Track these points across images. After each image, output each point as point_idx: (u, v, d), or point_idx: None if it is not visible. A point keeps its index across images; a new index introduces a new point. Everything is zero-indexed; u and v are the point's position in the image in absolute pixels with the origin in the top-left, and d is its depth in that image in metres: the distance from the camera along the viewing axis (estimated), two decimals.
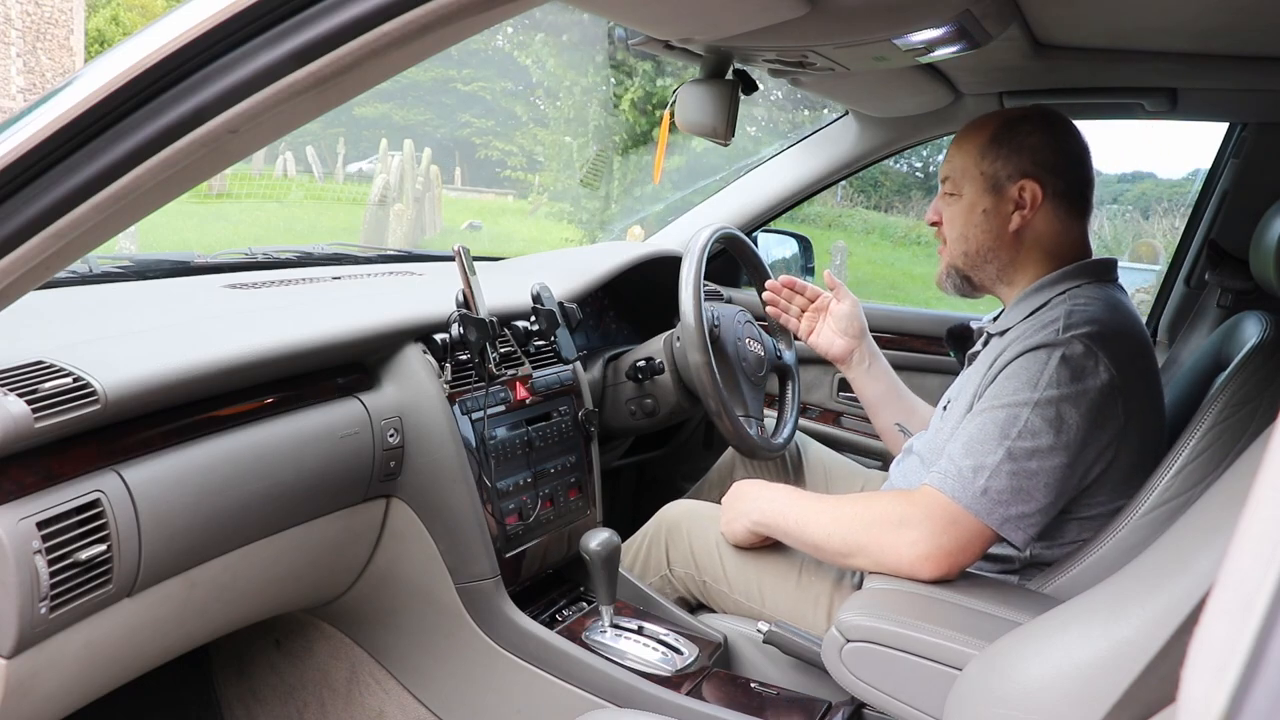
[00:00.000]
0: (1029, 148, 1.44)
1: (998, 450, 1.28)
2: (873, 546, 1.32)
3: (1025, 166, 1.44)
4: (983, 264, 1.49)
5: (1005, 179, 1.44)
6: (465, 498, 1.45)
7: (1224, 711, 0.27)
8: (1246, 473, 0.74)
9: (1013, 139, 1.45)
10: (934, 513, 1.29)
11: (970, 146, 1.48)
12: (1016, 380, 1.31)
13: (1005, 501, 1.27)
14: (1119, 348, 1.32)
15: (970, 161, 1.47)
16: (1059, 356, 1.29)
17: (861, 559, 1.35)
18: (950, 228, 1.51)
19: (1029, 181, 1.43)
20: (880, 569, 1.32)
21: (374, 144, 15.86)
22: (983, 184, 1.46)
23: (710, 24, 1.34)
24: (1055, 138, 1.46)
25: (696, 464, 2.21)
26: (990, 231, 1.47)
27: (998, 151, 1.45)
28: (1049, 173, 1.44)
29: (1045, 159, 1.44)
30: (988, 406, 1.32)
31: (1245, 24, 1.45)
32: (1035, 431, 1.27)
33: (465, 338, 1.45)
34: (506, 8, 0.70)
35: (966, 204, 1.48)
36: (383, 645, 1.57)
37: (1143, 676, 0.69)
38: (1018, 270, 1.48)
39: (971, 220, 1.47)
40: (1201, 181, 2.40)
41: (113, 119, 0.71)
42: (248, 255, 1.86)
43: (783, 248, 2.56)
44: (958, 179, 1.49)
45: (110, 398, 1.00)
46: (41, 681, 1.01)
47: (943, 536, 1.28)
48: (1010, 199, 1.44)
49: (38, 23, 11.83)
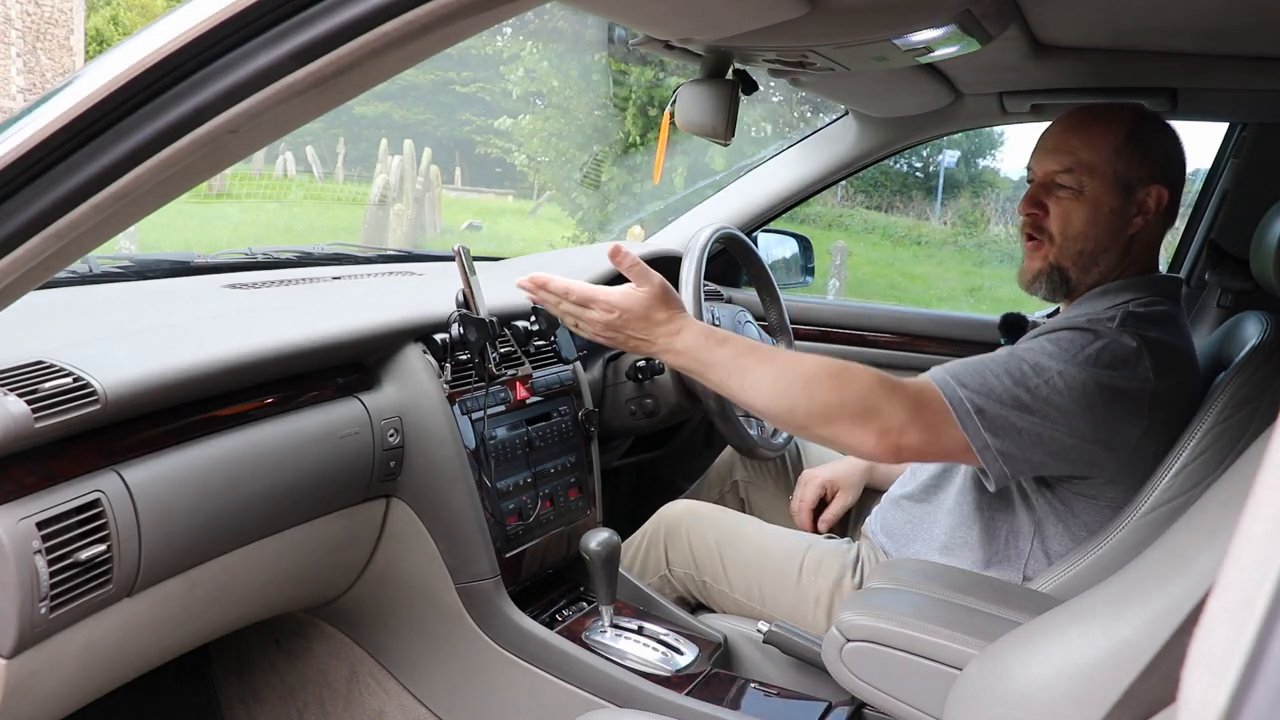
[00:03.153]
0: (1161, 153, 1.39)
1: (1014, 389, 1.23)
2: (821, 396, 1.21)
3: (1157, 172, 1.37)
4: (1091, 265, 1.41)
5: (1137, 181, 1.37)
6: (465, 498, 1.45)
7: (1224, 711, 0.27)
8: (1246, 473, 0.74)
9: (1144, 141, 1.38)
10: (922, 406, 1.22)
11: (1100, 141, 1.38)
12: (1057, 345, 1.27)
13: (995, 432, 1.22)
14: (1166, 358, 1.29)
15: (1101, 157, 1.37)
16: (1105, 342, 1.26)
17: (802, 412, 1.23)
18: (1066, 224, 1.40)
19: (1159, 187, 1.37)
20: (835, 439, 1.23)
21: (374, 144, 15.86)
22: (1115, 182, 1.37)
23: (710, 24, 1.34)
24: (1176, 145, 1.41)
25: (696, 464, 2.21)
26: (1110, 232, 1.39)
27: (1133, 151, 1.37)
28: (1174, 182, 1.39)
29: (1173, 167, 1.39)
30: (1022, 350, 1.27)
31: (1245, 24, 1.45)
32: (1056, 390, 1.23)
33: (465, 338, 1.45)
34: (506, 8, 0.70)
35: (1091, 201, 1.38)
36: (383, 645, 1.57)
37: (1143, 676, 0.69)
38: (1109, 273, 1.41)
39: (1096, 219, 1.38)
40: (1201, 181, 2.40)
41: (113, 119, 0.71)
42: (248, 255, 1.86)
43: (783, 248, 2.56)
44: (1082, 173, 1.38)
45: (110, 398, 1.01)
46: (41, 681, 1.01)
47: (912, 432, 1.20)
48: (1136, 202, 1.38)
49: (38, 23, 11.83)
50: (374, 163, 14.75)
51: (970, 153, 18.33)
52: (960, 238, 15.82)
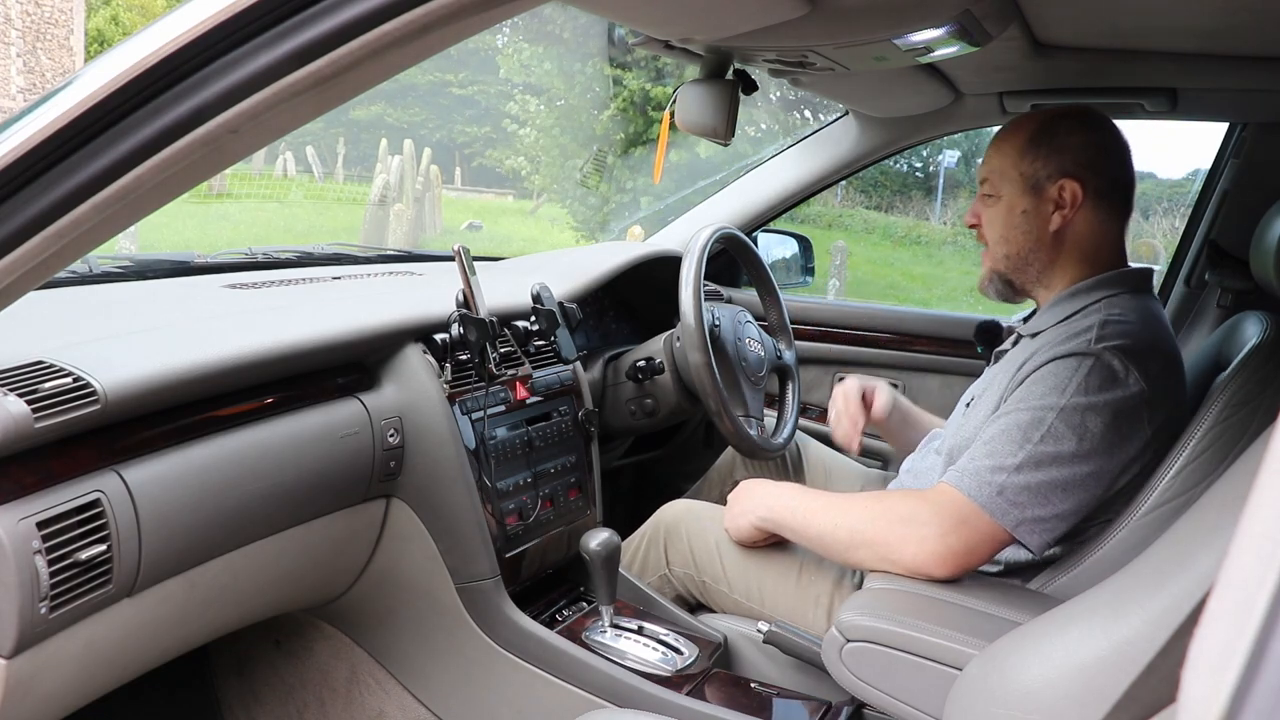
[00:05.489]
0: (1070, 147, 1.41)
1: (1019, 453, 1.27)
2: (879, 541, 1.31)
3: (1066, 165, 1.40)
4: (1024, 266, 1.46)
5: (1045, 179, 1.41)
6: (465, 498, 1.45)
7: (1224, 711, 0.27)
8: (1246, 473, 0.74)
9: (1052, 138, 1.42)
10: (946, 510, 1.28)
11: (1008, 147, 1.45)
12: (1044, 385, 1.30)
13: (1022, 504, 1.26)
14: (1151, 361, 1.30)
15: (1009, 162, 1.44)
16: (1089, 365, 1.28)
17: (866, 553, 1.34)
18: (990, 230, 1.48)
19: (1069, 180, 1.40)
20: (886, 565, 1.31)
21: (374, 144, 15.87)
22: (1022, 184, 1.43)
23: (710, 24, 1.34)
24: (1096, 136, 1.43)
25: (696, 464, 2.21)
26: (1030, 233, 1.43)
27: (1036, 151, 1.42)
28: (1090, 171, 1.41)
29: (1086, 157, 1.41)
30: (1013, 409, 1.31)
31: (1245, 24, 1.45)
32: (1059, 437, 1.26)
33: (465, 338, 1.45)
34: (506, 7, 0.70)
35: (1006, 205, 1.45)
36: (383, 645, 1.57)
37: (1143, 676, 0.69)
38: (1056, 272, 1.45)
39: (1011, 222, 1.44)
40: (1201, 181, 2.40)
41: (113, 119, 0.71)
42: (248, 255, 1.86)
43: (783, 248, 2.56)
44: (996, 180, 1.45)
45: (110, 398, 1.00)
46: (41, 681, 1.01)
47: (952, 535, 1.27)
48: (1050, 199, 1.41)
49: (38, 23, 11.83)
50: (374, 163, 14.77)
51: (970, 153, 18.30)
52: (960, 238, 15.81)
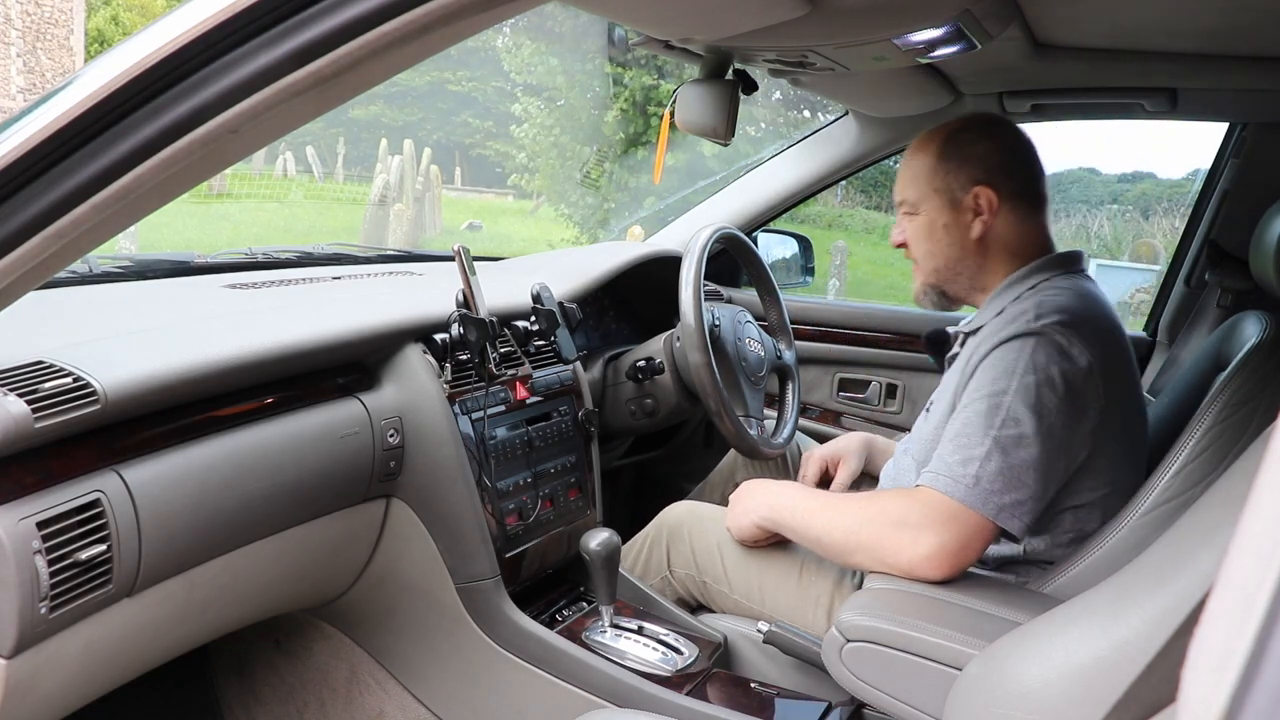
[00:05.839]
0: (976, 156, 1.47)
1: (984, 441, 1.29)
2: (874, 545, 1.32)
3: (976, 174, 1.46)
4: (954, 276, 1.52)
5: (959, 190, 1.47)
6: (465, 498, 1.45)
7: (1224, 711, 0.27)
8: (1246, 472, 0.74)
9: (958, 151, 1.48)
10: (932, 510, 1.29)
11: (918, 165, 1.51)
12: (994, 371, 1.33)
13: (998, 490, 1.27)
14: (1092, 333, 1.34)
15: (922, 180, 1.50)
16: (1033, 344, 1.32)
17: (863, 557, 1.35)
18: (917, 247, 1.53)
19: (982, 188, 1.46)
20: (883, 569, 1.32)
21: (374, 144, 15.87)
22: (938, 200, 1.49)
23: (710, 24, 1.34)
24: (999, 141, 1.49)
25: (696, 464, 2.21)
26: (955, 243, 1.49)
27: (946, 166, 1.48)
28: (1000, 175, 1.46)
29: (994, 163, 1.47)
30: (969, 400, 1.34)
31: (1245, 24, 1.45)
32: (1018, 418, 1.29)
33: (465, 338, 1.45)
34: (506, 8, 0.70)
35: (926, 221, 1.51)
36: (383, 645, 1.57)
37: (1143, 676, 0.69)
38: (988, 275, 1.50)
39: (934, 236, 1.50)
40: (1201, 181, 2.40)
41: (113, 119, 0.71)
42: (248, 255, 1.86)
43: (783, 248, 2.56)
44: (913, 199, 1.52)
45: (110, 398, 1.00)
46: (41, 681, 1.01)
47: (944, 534, 1.28)
48: (968, 208, 1.47)
49: (38, 23, 11.84)
50: (374, 163, 14.76)
51: None
52: None
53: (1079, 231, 14.03)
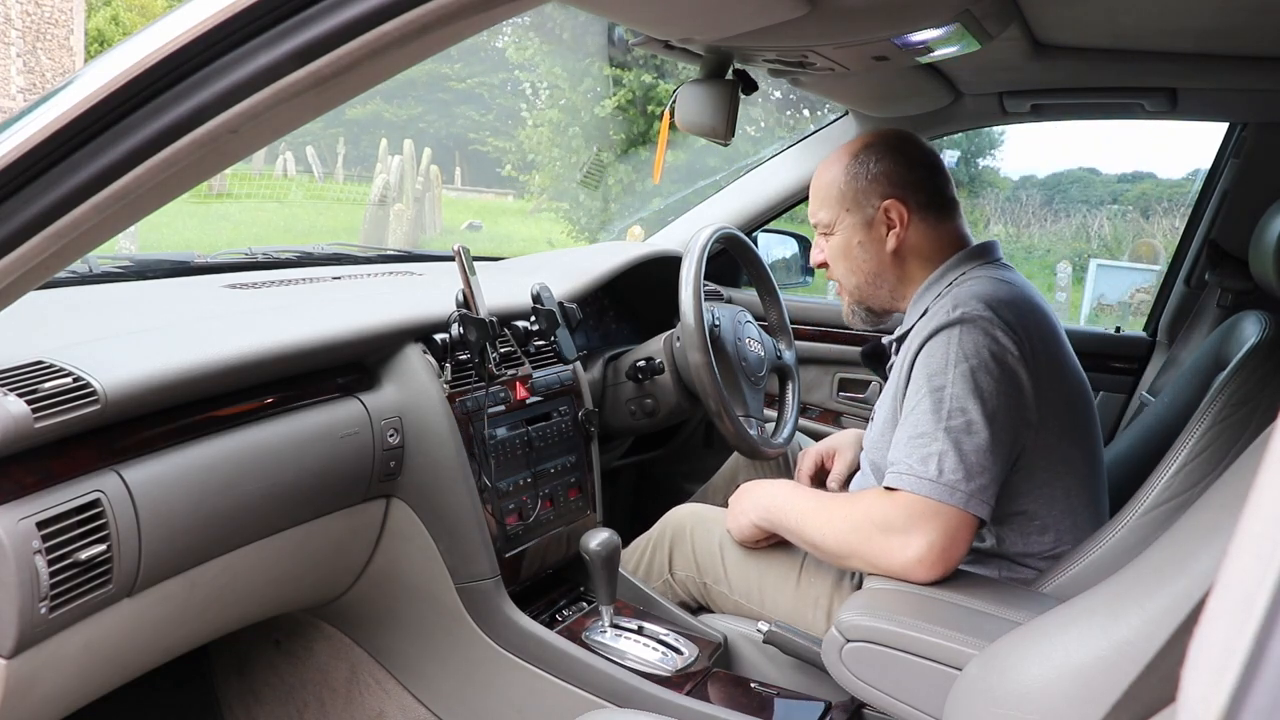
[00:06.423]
0: (880, 174, 1.51)
1: (938, 435, 1.30)
2: (865, 551, 1.33)
3: (884, 190, 1.51)
4: (875, 290, 1.56)
5: (869, 207, 1.51)
6: (465, 498, 1.45)
7: (1224, 711, 0.27)
8: (1246, 472, 0.74)
9: (865, 168, 1.52)
10: (913, 512, 1.29)
11: (829, 188, 1.55)
12: (929, 366, 1.35)
13: (962, 479, 1.28)
14: (1010, 315, 1.36)
15: (832, 201, 1.54)
16: (958, 332, 1.34)
17: (857, 562, 1.37)
18: (836, 267, 1.58)
19: (892, 202, 1.50)
20: (878, 573, 1.33)
21: (374, 144, 15.86)
22: (850, 219, 1.53)
23: (710, 24, 1.34)
24: (903, 155, 1.52)
25: (696, 464, 2.21)
26: (871, 258, 1.54)
27: (855, 185, 1.52)
28: (908, 189, 1.51)
29: (899, 178, 1.51)
30: (914, 399, 1.36)
31: (1245, 24, 1.45)
32: (964, 407, 1.30)
33: (465, 338, 1.45)
34: (506, 8, 0.70)
35: (843, 241, 1.55)
36: (383, 645, 1.57)
37: (1143, 676, 0.68)
38: (907, 284, 1.54)
39: (851, 254, 1.55)
40: (1201, 181, 2.40)
41: (113, 119, 0.71)
42: (248, 255, 1.86)
43: (783, 248, 2.56)
44: (827, 220, 1.56)
45: (110, 398, 1.00)
46: (41, 681, 1.01)
47: (930, 533, 1.28)
48: (881, 223, 1.51)
49: (38, 23, 11.84)
50: (374, 163, 14.77)
51: (970, 153, 18.31)
52: None
53: (1079, 231, 14.04)
